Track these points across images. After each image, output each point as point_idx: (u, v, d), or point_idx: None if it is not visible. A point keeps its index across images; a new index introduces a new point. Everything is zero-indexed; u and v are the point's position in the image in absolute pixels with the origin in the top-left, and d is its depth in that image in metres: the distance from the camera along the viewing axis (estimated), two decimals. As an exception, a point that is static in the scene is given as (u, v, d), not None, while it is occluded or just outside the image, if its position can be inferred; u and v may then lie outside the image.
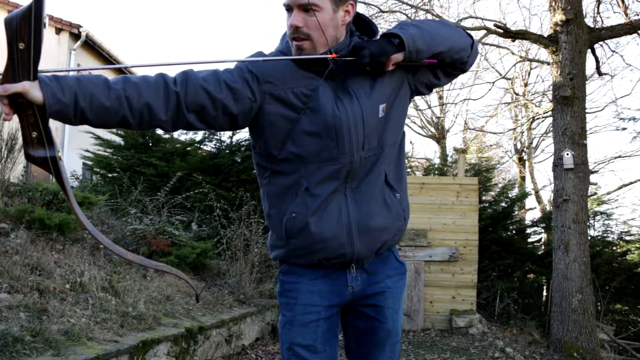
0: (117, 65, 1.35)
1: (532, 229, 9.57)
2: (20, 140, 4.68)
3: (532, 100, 13.00)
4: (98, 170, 7.68)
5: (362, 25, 1.46)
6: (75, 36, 12.28)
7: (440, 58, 1.37)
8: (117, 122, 1.24)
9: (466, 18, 8.66)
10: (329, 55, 1.29)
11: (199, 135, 7.73)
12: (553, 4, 6.28)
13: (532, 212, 14.45)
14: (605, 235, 9.61)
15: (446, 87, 15.50)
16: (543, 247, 9.06)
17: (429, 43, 1.32)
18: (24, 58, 1.01)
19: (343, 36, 1.39)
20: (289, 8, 1.33)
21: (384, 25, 10.64)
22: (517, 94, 13.62)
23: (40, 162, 1.12)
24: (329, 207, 1.36)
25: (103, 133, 8.02)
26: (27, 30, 0.98)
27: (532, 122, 13.78)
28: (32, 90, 1.07)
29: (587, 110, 6.42)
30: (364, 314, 1.48)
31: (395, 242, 1.51)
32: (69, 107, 1.14)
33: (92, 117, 1.18)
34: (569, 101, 6.01)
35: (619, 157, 13.28)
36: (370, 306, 1.47)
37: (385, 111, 1.40)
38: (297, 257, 1.44)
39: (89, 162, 8.12)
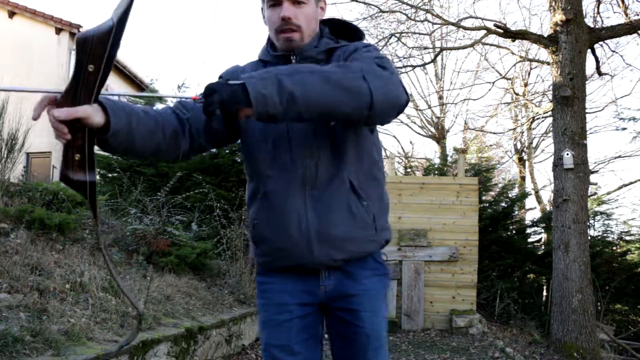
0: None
1: (532, 229, 9.58)
2: (20, 140, 4.68)
3: (532, 100, 13.00)
4: (98, 170, 7.68)
5: (346, 30, 1.47)
6: (75, 36, 12.28)
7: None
8: (151, 149, 1.25)
9: (466, 18, 8.66)
10: (191, 97, 1.16)
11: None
12: (553, 4, 6.28)
13: (532, 212, 14.48)
14: (605, 235, 9.63)
15: (446, 87, 15.54)
16: (543, 247, 9.07)
17: (290, 107, 1.10)
18: (91, 81, 0.96)
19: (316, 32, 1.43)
20: (276, 2, 1.35)
21: (384, 25, 10.66)
22: (517, 94, 13.62)
23: (77, 186, 1.06)
24: (287, 215, 1.33)
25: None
26: (101, 53, 0.92)
27: (532, 122, 13.79)
28: (94, 114, 1.05)
29: (587, 110, 6.42)
30: (341, 319, 1.43)
31: (370, 250, 1.41)
32: (124, 130, 1.14)
33: (138, 140, 1.19)
34: (569, 101, 6.01)
35: (619, 157, 13.30)
36: (346, 310, 1.41)
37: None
38: (266, 263, 1.45)
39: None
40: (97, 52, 0.91)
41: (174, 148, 1.30)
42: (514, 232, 9.18)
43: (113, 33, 0.90)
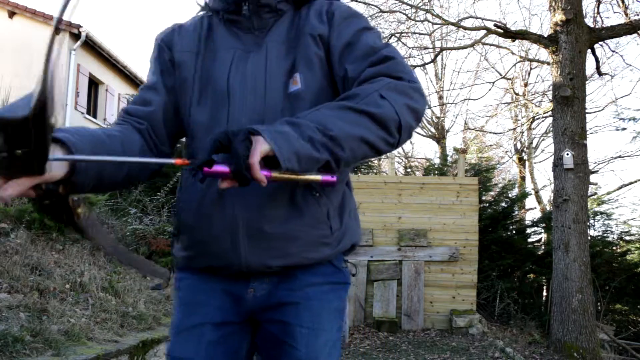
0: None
1: (532, 229, 9.58)
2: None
3: (532, 100, 13.02)
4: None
5: None
6: (75, 36, 12.29)
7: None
8: (122, 177, 1.03)
9: (466, 18, 8.67)
10: (174, 161, 0.89)
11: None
12: (553, 4, 6.29)
13: (532, 212, 14.49)
14: (605, 235, 9.63)
15: (446, 87, 15.56)
16: (543, 247, 9.07)
17: (331, 147, 0.89)
18: (23, 162, 0.78)
19: None
20: None
21: (383, 25, 10.66)
22: (517, 94, 13.64)
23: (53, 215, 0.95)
24: (213, 199, 1.04)
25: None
26: (25, 137, 0.74)
27: (532, 122, 13.80)
28: (52, 175, 0.84)
29: (587, 110, 6.42)
30: (269, 335, 1.08)
31: (321, 257, 1.07)
32: (92, 166, 0.93)
33: (107, 172, 0.98)
34: (569, 101, 6.02)
35: (619, 157, 13.31)
36: (276, 322, 1.07)
37: (301, 84, 1.04)
38: (186, 259, 1.14)
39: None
40: (22, 135, 0.73)
41: (144, 169, 1.08)
42: (514, 232, 9.19)
43: (32, 115, 0.71)
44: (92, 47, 12.83)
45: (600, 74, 7.66)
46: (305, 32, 1.07)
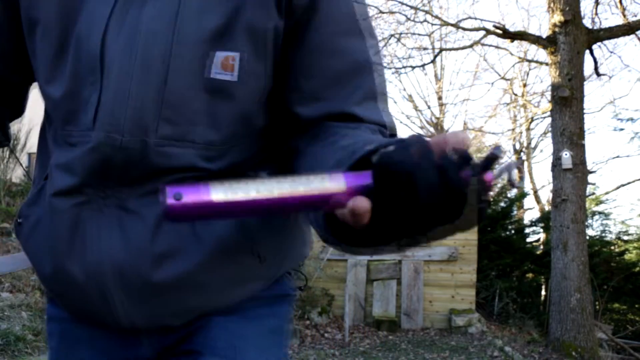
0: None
1: (531, 229, 9.62)
2: (22, 140, 4.70)
3: (530, 100, 13.05)
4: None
5: None
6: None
7: None
8: None
9: (465, 19, 8.69)
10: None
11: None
12: (551, 5, 6.31)
13: (530, 212, 14.50)
14: (603, 234, 9.67)
15: (445, 87, 15.61)
16: (542, 247, 9.11)
17: None
18: None
19: None
20: None
21: (383, 26, 10.69)
22: (516, 95, 13.67)
23: None
24: (65, 224, 0.64)
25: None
26: None
27: (530, 123, 13.83)
28: None
29: (585, 111, 6.45)
30: None
31: (250, 293, 0.71)
32: None
33: None
34: (567, 101, 6.04)
35: (617, 157, 13.35)
36: (184, 353, 0.71)
37: (238, 73, 0.61)
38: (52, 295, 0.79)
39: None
40: None
41: None
42: (512, 231, 9.22)
43: None
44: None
45: (598, 74, 7.69)
46: None
